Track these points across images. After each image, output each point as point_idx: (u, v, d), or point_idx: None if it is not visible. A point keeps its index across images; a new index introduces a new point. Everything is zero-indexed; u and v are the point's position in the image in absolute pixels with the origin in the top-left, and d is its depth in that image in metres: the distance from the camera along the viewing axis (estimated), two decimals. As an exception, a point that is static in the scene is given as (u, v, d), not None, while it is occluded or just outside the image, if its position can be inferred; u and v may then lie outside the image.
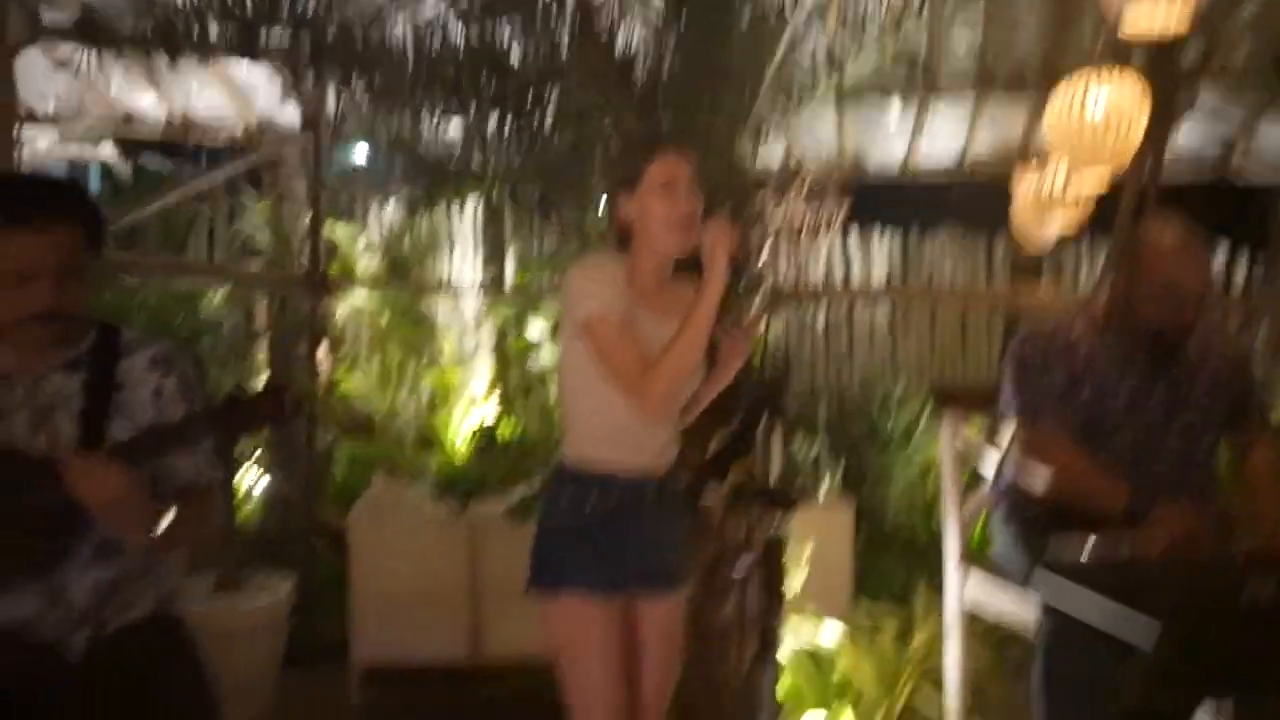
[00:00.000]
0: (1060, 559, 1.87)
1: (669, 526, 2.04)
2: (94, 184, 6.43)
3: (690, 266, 2.08)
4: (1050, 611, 2.09)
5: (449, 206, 6.97)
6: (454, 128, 2.88)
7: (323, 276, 4.29)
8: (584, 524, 1.96)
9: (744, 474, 1.44)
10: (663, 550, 2.04)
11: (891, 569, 4.86)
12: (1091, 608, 1.77)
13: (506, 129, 2.70)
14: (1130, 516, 2.01)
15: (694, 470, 1.66)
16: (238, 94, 4.64)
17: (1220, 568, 1.71)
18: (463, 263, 7.04)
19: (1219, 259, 6.66)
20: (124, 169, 6.25)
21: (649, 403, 1.86)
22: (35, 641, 1.66)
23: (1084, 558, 1.83)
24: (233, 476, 4.18)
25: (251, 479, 5.62)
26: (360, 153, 6.61)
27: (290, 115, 4.54)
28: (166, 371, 1.80)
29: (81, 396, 1.73)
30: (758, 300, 2.84)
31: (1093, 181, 3.79)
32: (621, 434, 1.95)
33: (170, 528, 1.62)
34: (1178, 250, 2.17)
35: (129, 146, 6.13)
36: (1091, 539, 1.87)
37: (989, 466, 2.55)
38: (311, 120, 4.19)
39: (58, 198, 1.71)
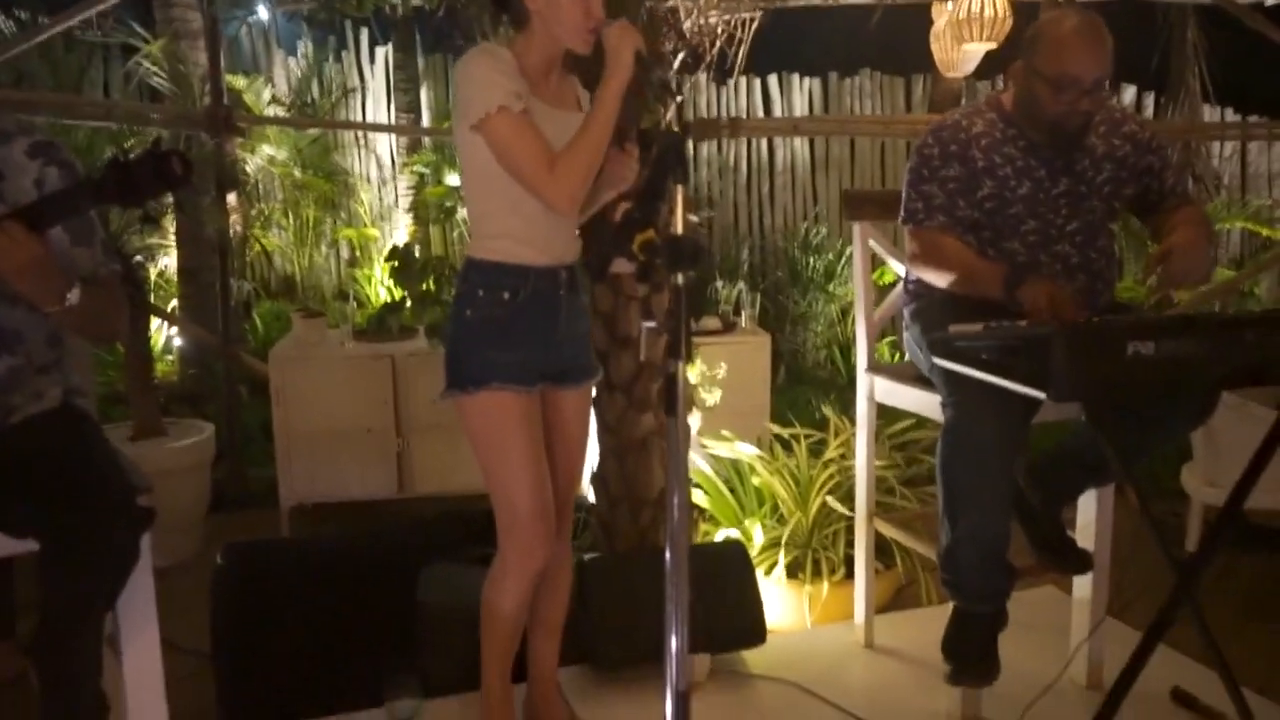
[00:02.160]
0: (957, 330, 1.94)
1: (580, 317, 2.10)
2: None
3: (577, 69, 2.06)
4: (950, 401, 2.18)
5: (357, 52, 6.71)
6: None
7: (227, 114, 4.10)
8: (499, 316, 1.96)
9: (649, 238, 1.44)
10: (576, 340, 2.10)
11: (809, 404, 5.00)
12: (980, 365, 1.86)
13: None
14: (1007, 293, 2.07)
15: (601, 242, 1.67)
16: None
17: (1106, 330, 1.78)
18: (375, 112, 6.81)
19: (1129, 91, 6.80)
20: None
21: (557, 196, 1.85)
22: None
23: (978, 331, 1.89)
24: (139, 287, 3.97)
25: (170, 332, 5.51)
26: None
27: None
28: (48, 160, 1.73)
29: None
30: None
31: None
32: (531, 227, 1.95)
33: (76, 309, 1.59)
34: (1074, 37, 2.14)
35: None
36: (984, 324, 1.93)
37: (899, 266, 2.60)
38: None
39: None
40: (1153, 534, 1.94)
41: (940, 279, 2.26)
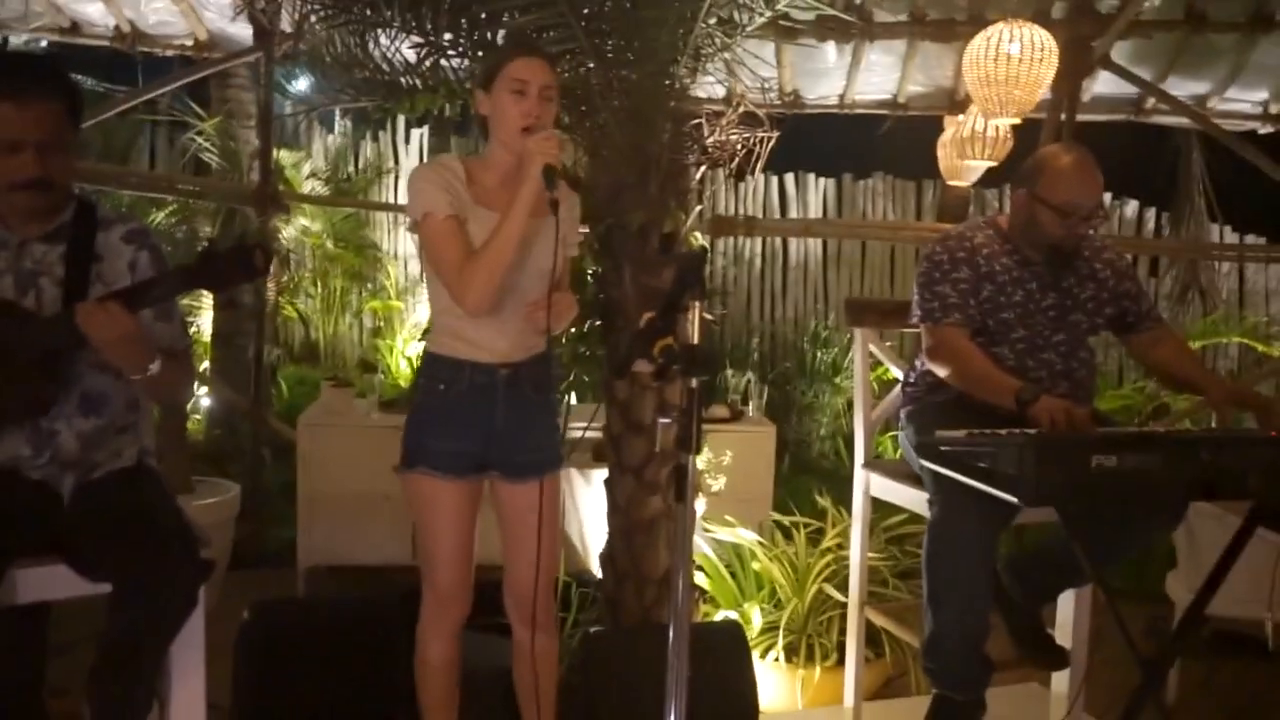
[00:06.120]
0: (942, 436, 2.11)
1: (527, 413, 2.16)
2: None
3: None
4: (935, 499, 2.35)
5: (394, 132, 7.05)
6: (406, 46, 2.99)
7: (274, 192, 4.37)
8: (434, 406, 2.13)
9: (668, 344, 1.64)
10: (522, 435, 2.16)
11: (811, 495, 5.13)
12: (961, 469, 2.03)
13: (459, 45, 2.82)
14: (1019, 408, 2.24)
15: (626, 345, 1.86)
16: (188, 5, 4.65)
17: (1070, 443, 1.95)
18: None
19: (1131, 205, 7.07)
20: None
21: (464, 298, 2.00)
22: (30, 480, 1.85)
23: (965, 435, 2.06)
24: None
25: (199, 393, 5.72)
26: (307, 75, 6.59)
27: (242, 29, 4.56)
28: (141, 245, 1.97)
29: (62, 264, 1.89)
30: (688, 221, 3.02)
31: (1007, 123, 4.03)
32: (474, 326, 2.09)
33: (155, 378, 1.80)
34: (1076, 170, 2.40)
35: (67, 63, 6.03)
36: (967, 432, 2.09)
37: (898, 370, 2.79)
38: (264, 34, 4.24)
39: (41, 73, 1.85)
40: (1120, 632, 2.09)
41: (952, 375, 2.43)
